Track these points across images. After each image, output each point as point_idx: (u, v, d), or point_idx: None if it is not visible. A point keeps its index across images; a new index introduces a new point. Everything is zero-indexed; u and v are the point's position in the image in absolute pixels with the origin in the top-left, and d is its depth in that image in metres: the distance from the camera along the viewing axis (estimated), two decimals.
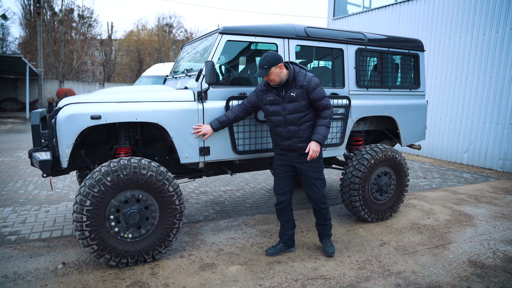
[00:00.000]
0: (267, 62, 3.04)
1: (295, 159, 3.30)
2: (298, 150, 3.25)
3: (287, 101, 3.16)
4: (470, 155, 8.38)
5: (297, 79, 3.14)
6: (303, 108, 3.16)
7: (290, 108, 3.16)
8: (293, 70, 3.16)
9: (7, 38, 33.64)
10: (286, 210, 3.46)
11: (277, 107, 3.21)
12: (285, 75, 3.14)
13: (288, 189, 3.41)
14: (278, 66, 3.07)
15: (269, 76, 3.09)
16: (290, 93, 3.15)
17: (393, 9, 10.24)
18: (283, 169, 3.38)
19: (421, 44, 4.88)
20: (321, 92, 3.15)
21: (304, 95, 3.13)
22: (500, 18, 7.73)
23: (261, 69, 3.07)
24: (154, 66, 9.72)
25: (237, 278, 2.99)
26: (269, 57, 3.06)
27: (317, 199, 3.36)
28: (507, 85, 7.64)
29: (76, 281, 2.89)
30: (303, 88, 3.12)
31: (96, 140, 3.56)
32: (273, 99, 3.22)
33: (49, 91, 25.49)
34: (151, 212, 3.17)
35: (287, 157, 3.34)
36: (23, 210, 4.55)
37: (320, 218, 3.47)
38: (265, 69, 3.05)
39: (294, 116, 3.17)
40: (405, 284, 2.96)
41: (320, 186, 3.34)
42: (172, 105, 3.32)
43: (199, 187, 5.90)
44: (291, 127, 3.20)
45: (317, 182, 3.32)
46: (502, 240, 3.93)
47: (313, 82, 3.12)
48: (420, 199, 5.50)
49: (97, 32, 42.93)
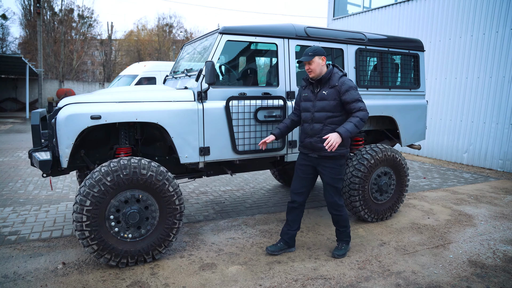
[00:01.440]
0: (313, 51, 3.15)
1: (316, 160, 3.31)
2: (318, 151, 3.25)
3: (318, 98, 3.23)
4: (470, 155, 8.38)
5: (331, 79, 3.20)
6: (332, 108, 3.18)
7: (319, 106, 3.21)
8: (331, 69, 3.24)
9: (7, 38, 33.69)
10: (297, 210, 3.46)
11: (308, 104, 3.30)
12: (324, 70, 3.22)
13: (304, 190, 3.41)
14: (322, 58, 3.17)
15: (311, 65, 3.16)
16: (322, 91, 3.22)
17: (393, 9, 10.24)
18: (304, 169, 3.39)
19: (421, 44, 4.88)
20: (354, 95, 3.13)
21: (335, 96, 3.16)
22: (500, 18, 7.73)
23: (305, 55, 3.16)
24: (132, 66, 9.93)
25: (237, 278, 2.99)
26: (315, 47, 3.19)
27: (329, 204, 3.39)
28: (507, 85, 7.64)
29: (76, 281, 2.89)
30: (335, 88, 3.16)
31: (96, 140, 3.56)
32: (307, 95, 3.33)
33: (49, 91, 25.49)
34: (151, 212, 3.17)
35: (309, 157, 3.35)
36: (23, 210, 4.55)
37: (334, 222, 3.49)
38: (309, 56, 3.14)
39: (322, 114, 3.21)
40: (405, 284, 2.96)
41: (333, 193, 3.32)
42: (172, 105, 3.32)
43: (199, 187, 5.90)
44: (317, 125, 3.23)
45: (329, 188, 3.32)
46: (502, 240, 3.93)
47: (346, 84, 3.15)
48: (420, 199, 5.50)
49: (97, 32, 43.00)
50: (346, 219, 3.45)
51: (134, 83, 8.72)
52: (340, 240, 3.52)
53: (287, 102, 3.85)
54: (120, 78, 9.45)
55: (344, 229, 3.47)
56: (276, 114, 3.78)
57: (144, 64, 9.38)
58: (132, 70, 9.44)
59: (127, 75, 9.25)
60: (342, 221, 3.43)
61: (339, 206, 3.37)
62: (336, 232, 3.54)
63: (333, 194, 3.33)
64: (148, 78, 8.90)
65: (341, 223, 3.44)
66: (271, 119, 3.75)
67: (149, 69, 9.06)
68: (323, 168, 3.29)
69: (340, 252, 3.44)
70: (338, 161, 3.27)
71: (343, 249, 3.47)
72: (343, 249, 3.46)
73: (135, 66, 9.81)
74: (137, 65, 9.79)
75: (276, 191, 5.79)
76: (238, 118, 3.59)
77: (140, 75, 8.88)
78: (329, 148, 3.02)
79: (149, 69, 9.06)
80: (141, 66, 9.42)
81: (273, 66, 4.10)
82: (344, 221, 3.43)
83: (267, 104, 3.72)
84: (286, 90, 3.86)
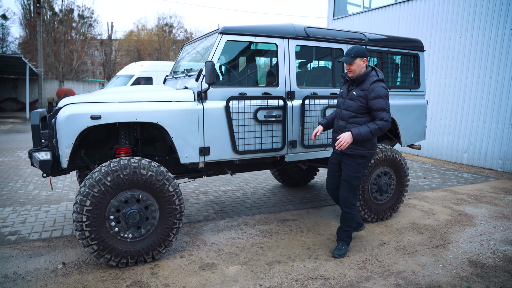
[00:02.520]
0: (355, 52, 3.19)
1: (339, 157, 3.48)
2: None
3: (348, 97, 3.34)
4: (470, 155, 8.38)
5: (365, 82, 3.24)
6: (356, 109, 3.25)
7: (347, 104, 3.33)
8: (368, 72, 3.26)
9: (7, 38, 33.66)
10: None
11: (340, 100, 3.45)
12: (362, 72, 3.26)
13: (335, 187, 3.60)
14: (363, 60, 3.22)
15: (351, 65, 3.22)
16: (353, 92, 3.30)
17: (393, 9, 10.24)
18: (333, 167, 3.58)
19: (421, 44, 4.88)
20: (381, 104, 3.14)
21: (361, 99, 3.22)
22: (500, 18, 7.73)
23: (347, 56, 3.20)
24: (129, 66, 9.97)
25: (237, 278, 2.99)
26: (358, 48, 3.22)
27: (342, 199, 3.46)
28: (507, 85, 7.64)
29: (76, 281, 2.89)
30: (364, 92, 3.21)
31: (96, 140, 3.56)
32: (342, 92, 3.47)
33: (49, 91, 25.48)
34: (151, 212, 3.17)
35: (335, 154, 3.53)
36: (23, 210, 4.55)
37: (342, 219, 3.53)
38: (351, 57, 3.18)
39: (347, 112, 3.32)
40: (405, 284, 2.96)
41: (348, 189, 3.40)
42: (172, 105, 3.32)
43: (199, 187, 5.90)
44: (341, 122, 3.37)
45: (345, 183, 3.40)
46: (502, 240, 3.93)
47: (376, 91, 3.15)
48: (420, 199, 5.50)
49: (97, 32, 42.95)
50: (353, 220, 3.49)
51: (130, 83, 8.74)
52: (341, 240, 3.53)
53: (287, 102, 3.85)
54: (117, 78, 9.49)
55: (348, 229, 3.50)
56: (276, 114, 3.78)
57: (141, 64, 9.42)
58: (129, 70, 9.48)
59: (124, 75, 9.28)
60: (349, 220, 3.47)
61: (352, 205, 3.44)
62: (339, 231, 3.56)
63: (347, 190, 3.41)
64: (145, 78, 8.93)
65: (348, 222, 3.48)
66: (271, 119, 3.75)
67: (145, 69, 9.10)
68: (343, 164, 3.43)
69: (340, 252, 3.44)
70: (357, 160, 3.34)
71: (343, 249, 3.47)
72: (343, 249, 3.47)
73: (132, 66, 9.84)
74: (134, 65, 9.83)
75: (276, 191, 5.79)
76: (238, 118, 3.59)
77: (137, 75, 8.90)
78: (338, 147, 3.14)
79: (145, 69, 9.10)
80: (137, 66, 9.45)
81: (273, 66, 4.10)
82: (351, 221, 3.48)
83: (267, 104, 3.72)
84: (286, 90, 3.86)
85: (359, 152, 3.30)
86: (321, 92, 4.07)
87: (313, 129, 4.02)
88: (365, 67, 3.27)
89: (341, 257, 3.41)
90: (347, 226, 3.49)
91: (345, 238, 3.52)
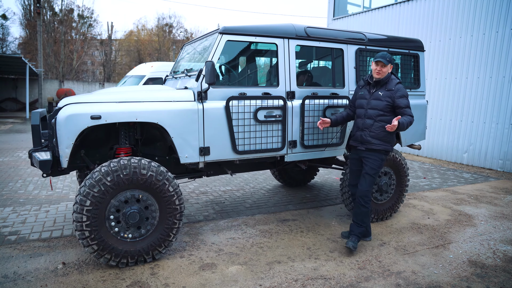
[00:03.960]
0: (390, 58, 3.55)
1: (362, 153, 3.65)
2: (366, 143, 3.59)
3: (373, 97, 3.60)
4: (470, 155, 8.38)
5: (389, 83, 3.58)
6: (383, 107, 3.53)
7: (373, 104, 3.58)
8: (389, 75, 3.61)
9: (7, 38, 33.63)
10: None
11: (363, 101, 3.68)
12: (385, 75, 3.58)
13: (357, 183, 3.73)
14: (391, 66, 3.59)
15: (383, 68, 3.54)
16: (378, 92, 3.58)
17: (393, 9, 10.24)
18: (355, 163, 3.79)
19: (421, 44, 4.88)
20: (406, 102, 3.49)
21: (388, 98, 3.51)
22: (500, 18, 7.73)
23: (383, 58, 3.51)
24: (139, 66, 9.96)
25: (237, 278, 2.99)
26: (391, 56, 3.60)
27: (360, 192, 3.60)
28: (507, 85, 7.64)
29: (76, 281, 2.89)
30: (390, 92, 3.52)
31: (96, 140, 3.56)
32: (363, 94, 3.71)
33: (49, 91, 25.48)
34: (151, 212, 3.17)
35: (357, 151, 3.72)
36: (23, 210, 4.55)
37: (356, 215, 3.64)
38: (387, 61, 3.52)
39: (374, 111, 3.57)
40: (405, 284, 2.96)
41: (367, 181, 3.58)
42: (172, 105, 3.32)
43: (199, 187, 5.90)
44: (368, 120, 3.59)
45: (367, 176, 3.59)
46: (502, 240, 3.93)
47: (401, 91, 3.51)
48: (420, 199, 5.50)
49: (97, 32, 42.88)
50: (368, 216, 3.64)
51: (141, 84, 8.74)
52: (352, 233, 3.64)
53: (287, 102, 3.85)
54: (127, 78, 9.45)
55: (364, 224, 3.63)
56: (276, 114, 3.78)
57: (151, 65, 9.41)
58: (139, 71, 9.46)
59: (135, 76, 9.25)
60: (364, 215, 3.61)
61: (368, 198, 3.59)
62: (352, 226, 3.66)
63: (367, 183, 3.58)
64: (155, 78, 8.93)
65: (362, 217, 3.61)
66: (271, 119, 3.75)
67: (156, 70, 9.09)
68: (366, 160, 3.62)
69: (351, 243, 3.55)
70: (381, 155, 3.59)
71: (354, 240, 3.59)
72: (354, 241, 3.58)
73: (142, 66, 9.82)
74: (144, 65, 9.81)
75: (276, 191, 5.79)
76: (238, 118, 3.59)
77: (148, 76, 8.90)
78: (390, 127, 3.35)
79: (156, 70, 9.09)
80: (148, 66, 9.43)
81: (273, 66, 4.10)
82: (365, 217, 3.62)
83: (267, 104, 3.72)
84: (286, 90, 3.86)
85: (385, 148, 3.57)
86: (321, 92, 4.07)
87: (313, 129, 4.02)
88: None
89: (353, 248, 3.49)
90: (362, 222, 3.62)
91: (358, 234, 3.63)
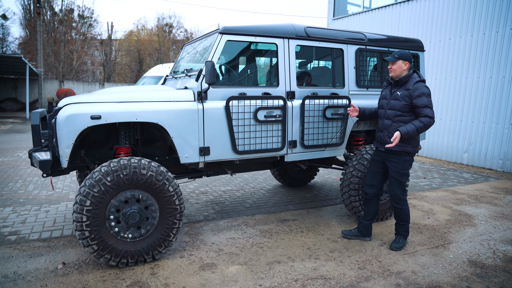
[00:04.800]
0: (399, 54, 3.44)
1: (384, 155, 3.61)
2: (385, 144, 3.54)
3: (392, 98, 3.54)
4: (470, 155, 8.38)
5: (408, 82, 3.46)
6: (402, 108, 3.45)
7: (392, 104, 3.52)
8: (410, 74, 3.49)
9: (7, 38, 33.64)
10: (370, 202, 3.79)
11: (384, 101, 3.64)
12: (404, 73, 3.48)
13: (376, 183, 3.73)
14: (405, 63, 3.45)
15: (393, 66, 3.47)
16: (397, 92, 3.51)
17: (393, 9, 10.24)
18: (375, 164, 3.74)
19: (421, 44, 4.88)
20: (425, 101, 3.35)
21: (406, 98, 3.42)
22: (500, 18, 7.73)
23: (392, 56, 3.46)
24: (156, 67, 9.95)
25: (237, 278, 2.99)
26: (403, 52, 3.48)
27: (391, 196, 3.63)
28: (507, 85, 7.63)
29: (76, 281, 2.89)
30: (408, 91, 3.42)
31: (96, 140, 3.56)
32: (384, 94, 3.68)
33: (49, 91, 25.48)
34: (151, 212, 3.17)
35: (379, 152, 3.68)
36: (23, 210, 4.55)
37: (395, 215, 3.69)
38: (395, 58, 3.45)
39: (392, 112, 3.51)
40: (405, 284, 2.96)
41: (396, 186, 3.56)
42: (172, 105, 3.32)
43: (199, 187, 5.90)
44: (387, 121, 3.56)
45: (394, 181, 3.57)
46: (502, 240, 3.93)
47: (419, 90, 3.37)
48: (420, 199, 5.50)
49: (97, 32, 42.76)
50: (407, 214, 3.63)
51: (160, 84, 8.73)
52: (398, 233, 3.70)
53: (287, 102, 3.85)
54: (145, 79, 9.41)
55: (403, 223, 3.64)
56: (276, 114, 3.77)
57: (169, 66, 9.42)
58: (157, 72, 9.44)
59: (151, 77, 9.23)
60: (402, 215, 3.62)
61: (401, 200, 3.57)
62: (396, 226, 3.73)
63: (396, 187, 3.56)
64: None
65: (401, 217, 3.63)
66: (271, 119, 3.75)
67: None
68: (390, 163, 3.58)
69: (398, 245, 3.61)
70: (403, 157, 3.52)
71: (401, 242, 3.64)
72: (401, 243, 3.64)
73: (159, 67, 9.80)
74: (161, 66, 9.80)
75: (276, 191, 5.79)
76: (238, 118, 3.59)
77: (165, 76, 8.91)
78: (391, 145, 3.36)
79: None
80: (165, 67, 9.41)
81: (273, 66, 4.10)
82: (404, 216, 3.62)
83: (267, 104, 3.72)
84: (286, 90, 3.86)
85: (405, 149, 3.47)
86: (321, 92, 4.07)
87: (313, 129, 4.02)
88: (406, 70, 3.48)
89: (398, 249, 3.58)
90: (402, 221, 3.65)
91: (402, 232, 3.68)
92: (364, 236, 3.82)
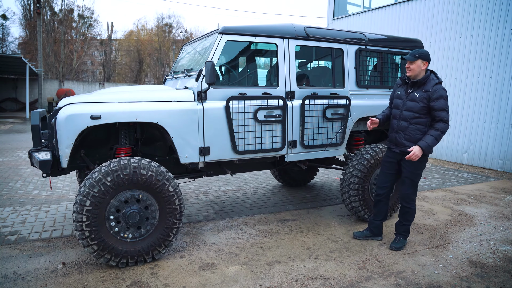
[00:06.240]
0: (418, 53, 3.35)
1: (399, 155, 3.58)
2: (400, 146, 3.51)
3: (409, 98, 3.46)
4: (470, 155, 8.38)
5: (426, 84, 3.38)
6: (419, 110, 3.38)
7: (408, 106, 3.45)
8: (428, 75, 3.41)
9: (7, 38, 33.62)
10: (381, 203, 3.77)
11: (399, 102, 3.56)
12: (422, 74, 3.40)
13: (388, 185, 3.72)
14: (424, 63, 3.36)
15: (411, 65, 3.38)
16: (414, 93, 3.43)
17: (393, 9, 10.24)
18: (388, 166, 3.69)
19: (421, 44, 4.87)
20: (443, 105, 3.31)
21: (424, 100, 3.35)
22: (500, 18, 7.73)
23: (410, 55, 3.37)
24: None
25: (237, 278, 2.99)
26: (422, 51, 3.38)
27: (402, 195, 3.61)
28: (507, 85, 7.64)
29: (76, 281, 2.89)
30: (427, 93, 3.34)
31: (96, 140, 3.56)
32: (399, 94, 3.59)
33: (49, 91, 25.48)
34: (151, 212, 3.17)
35: (393, 153, 3.63)
36: (23, 210, 4.55)
37: (401, 214, 3.68)
38: (414, 57, 3.35)
39: (409, 113, 3.45)
40: (405, 284, 2.96)
41: (409, 185, 3.54)
42: (172, 105, 3.32)
43: (199, 187, 5.90)
44: (403, 122, 3.49)
45: (407, 180, 3.54)
46: (502, 240, 3.93)
47: (438, 92, 3.31)
48: (420, 199, 5.50)
49: (97, 32, 42.73)
50: (413, 214, 3.64)
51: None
52: (399, 233, 3.71)
53: (287, 102, 3.85)
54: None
55: (407, 223, 3.66)
56: (276, 114, 3.77)
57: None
58: None
59: None
60: (409, 215, 3.63)
61: (411, 200, 3.58)
62: (397, 225, 3.73)
63: (409, 186, 3.54)
64: None
65: (407, 216, 3.63)
66: (271, 119, 3.75)
67: None
68: (404, 162, 3.52)
69: (398, 245, 3.64)
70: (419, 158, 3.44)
71: (401, 242, 3.65)
72: (400, 243, 3.64)
73: None
74: None
75: (276, 191, 5.79)
76: (238, 118, 3.59)
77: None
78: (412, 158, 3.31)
79: None
80: None
81: (273, 66, 4.10)
82: (410, 216, 3.63)
83: (267, 104, 3.72)
84: (286, 90, 3.86)
85: None
86: (321, 92, 4.07)
87: (313, 129, 4.02)
88: (424, 71, 3.40)
89: (398, 249, 3.59)
90: (406, 220, 3.64)
91: (403, 232, 3.69)
92: (376, 235, 3.84)
